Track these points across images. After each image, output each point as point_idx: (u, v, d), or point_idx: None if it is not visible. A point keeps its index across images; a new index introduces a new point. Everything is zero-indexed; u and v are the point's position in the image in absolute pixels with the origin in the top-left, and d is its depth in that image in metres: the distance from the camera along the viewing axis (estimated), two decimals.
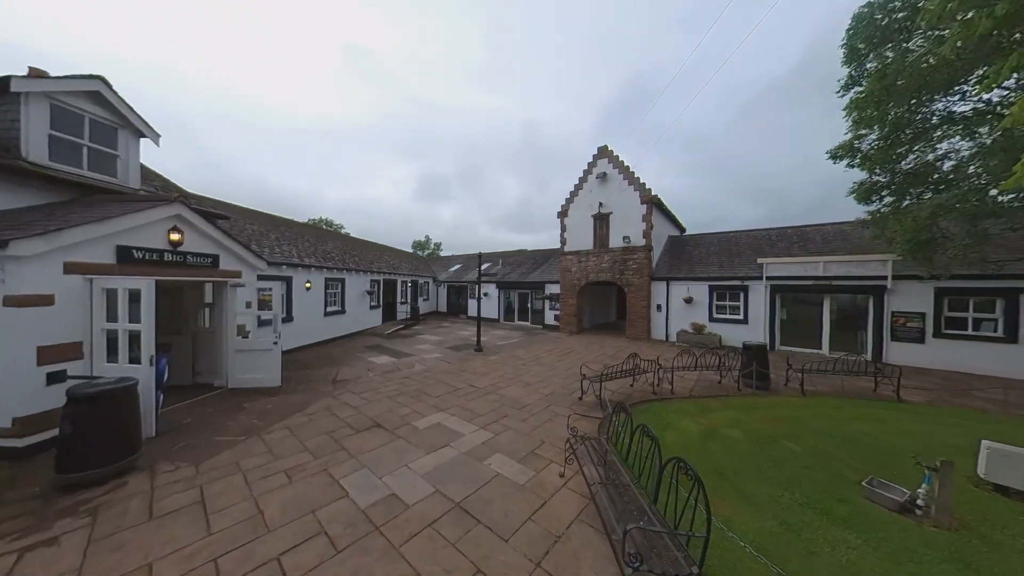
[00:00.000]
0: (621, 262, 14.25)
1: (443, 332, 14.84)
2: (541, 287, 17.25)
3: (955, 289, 8.83)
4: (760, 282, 11.37)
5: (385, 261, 17.98)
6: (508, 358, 9.85)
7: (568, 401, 6.24)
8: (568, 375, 8.05)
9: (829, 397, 6.56)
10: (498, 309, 19.27)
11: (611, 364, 9.24)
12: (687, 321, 12.75)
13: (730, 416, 5.51)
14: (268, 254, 9.50)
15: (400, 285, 18.04)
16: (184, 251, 5.35)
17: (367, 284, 14.48)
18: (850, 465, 4.02)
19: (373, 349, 10.82)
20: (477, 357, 9.91)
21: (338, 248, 14.81)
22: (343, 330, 12.54)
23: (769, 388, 7.09)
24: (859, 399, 6.49)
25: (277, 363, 6.36)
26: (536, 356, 10.18)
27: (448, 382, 7.26)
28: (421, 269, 22.23)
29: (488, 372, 8.17)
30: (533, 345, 12.06)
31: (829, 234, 12.64)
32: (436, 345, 11.75)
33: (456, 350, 10.94)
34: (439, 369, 8.40)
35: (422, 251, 49.37)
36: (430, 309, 22.30)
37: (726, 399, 6.48)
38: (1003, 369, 8.25)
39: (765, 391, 6.99)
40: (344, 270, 12.66)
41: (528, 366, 8.91)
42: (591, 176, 15.20)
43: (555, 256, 19.36)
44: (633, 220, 13.92)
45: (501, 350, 11.07)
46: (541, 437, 4.71)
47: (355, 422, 5.07)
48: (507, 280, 19.00)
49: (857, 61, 6.86)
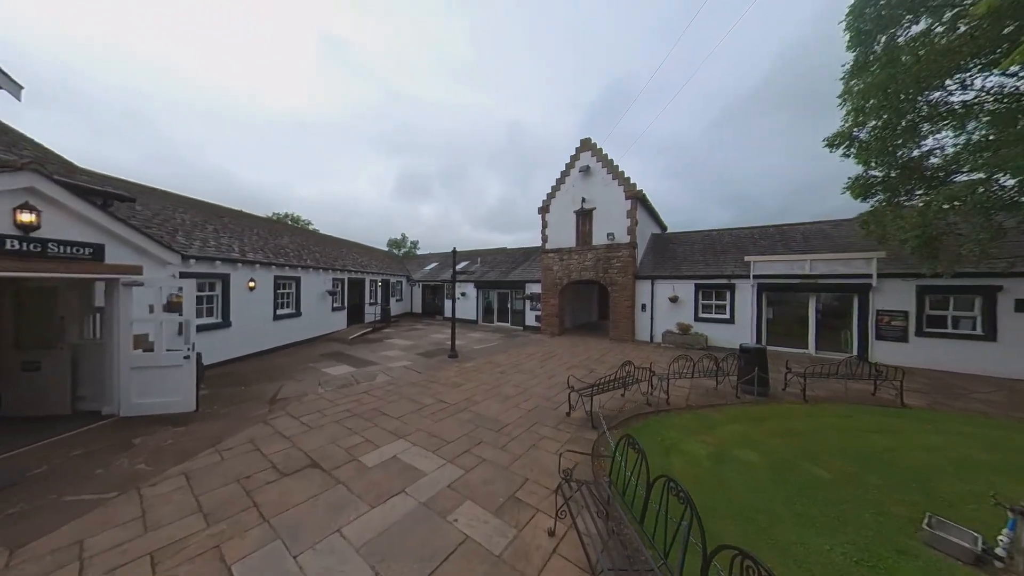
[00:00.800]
0: (605, 260, 13.62)
1: (415, 335, 13.61)
2: (521, 286, 16.38)
3: (936, 287, 8.77)
4: (747, 281, 11.05)
5: (352, 259, 16.45)
6: (486, 365, 8.86)
7: (554, 418, 5.35)
8: (552, 384, 7.18)
9: (832, 403, 6.08)
10: (476, 310, 18.21)
11: (596, 368, 8.52)
12: (672, 321, 12.29)
13: (737, 432, 4.83)
14: (198, 247, 7.98)
15: (369, 285, 16.57)
16: (43, 237, 3.96)
17: (329, 283, 12.99)
18: (891, 495, 3.37)
19: (331, 357, 9.48)
20: (451, 365, 8.85)
21: (295, 243, 13.21)
22: (298, 335, 11.05)
23: (768, 394, 6.55)
24: (862, 405, 6.05)
25: (191, 381, 5.03)
26: (516, 362, 9.25)
27: (414, 397, 6.18)
28: (394, 268, 20.75)
29: (462, 383, 7.15)
30: (513, 349, 11.14)
31: (810, 232, 12.59)
32: (405, 351, 10.55)
33: (428, 356, 9.82)
34: (405, 381, 7.28)
35: (398, 250, 47.22)
36: (403, 310, 20.87)
37: (726, 408, 5.84)
38: (983, 367, 8.23)
39: (764, 397, 6.44)
40: (300, 267, 11.18)
41: (508, 374, 7.96)
42: (573, 170, 14.49)
43: (536, 254, 18.56)
44: (617, 216, 13.33)
45: (478, 355, 10.06)
46: (524, 472, 3.78)
47: (284, 461, 3.91)
48: (486, 279, 17.98)
49: (865, 44, 6.46)
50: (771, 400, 6.32)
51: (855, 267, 9.51)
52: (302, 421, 5.04)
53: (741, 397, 6.44)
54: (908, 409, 5.91)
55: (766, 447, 4.37)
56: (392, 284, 19.48)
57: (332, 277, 13.25)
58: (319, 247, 14.92)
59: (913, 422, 5.23)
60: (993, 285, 8.18)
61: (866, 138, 6.80)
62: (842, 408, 5.82)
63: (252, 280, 9.11)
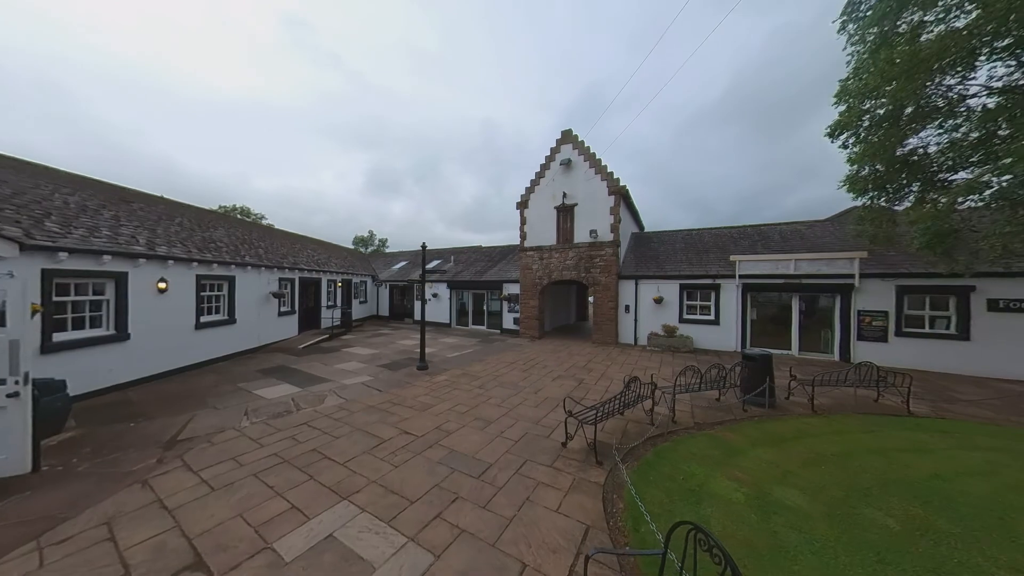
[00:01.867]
0: (587, 259, 12.88)
1: (380, 342, 12.06)
2: (498, 287, 15.28)
3: (914, 287, 8.83)
4: (732, 280, 10.74)
5: (307, 256, 14.48)
6: (461, 377, 7.67)
7: (548, 451, 4.32)
8: (540, 400, 6.16)
9: (844, 415, 5.58)
10: (449, 312, 16.86)
11: (584, 378, 7.59)
12: (657, 323, 11.78)
13: (766, 460, 4.07)
14: (78, 238, 6.08)
15: (327, 285, 14.67)
16: None
17: (274, 284, 11.11)
18: (981, 550, 2.68)
19: (272, 373, 7.83)
20: (419, 379, 7.56)
21: (232, 237, 11.18)
22: (231, 346, 9.19)
23: (775, 405, 5.97)
24: (871, 415, 5.62)
25: (22, 429, 3.42)
26: (496, 372, 8.14)
27: (370, 429, 4.88)
28: (358, 267, 18.82)
29: (433, 404, 5.93)
30: (491, 356, 10.02)
31: (787, 233, 12.64)
32: (366, 362, 9.08)
33: (392, 368, 8.44)
34: (361, 404, 5.93)
35: (365, 247, 44.25)
36: (368, 313, 19.01)
37: (740, 427, 5.13)
38: (957, 366, 8.33)
39: (771, 409, 5.85)
40: (235, 265, 9.31)
41: (487, 388, 6.84)
42: (554, 163, 13.63)
43: (514, 253, 17.56)
44: (600, 213, 12.64)
45: (452, 365, 8.83)
46: (520, 549, 2.70)
47: (148, 562, 2.53)
48: (460, 279, 16.69)
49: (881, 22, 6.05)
50: (780, 412, 5.73)
51: (838, 267, 9.41)
52: (204, 477, 3.61)
53: (748, 410, 5.80)
54: (916, 418, 5.54)
55: (806, 482, 3.62)
56: (355, 285, 17.60)
57: (279, 276, 11.37)
58: (265, 241, 12.87)
59: (936, 435, 4.79)
60: (967, 285, 8.29)
61: (867, 127, 6.47)
62: (858, 421, 5.32)
63: (163, 280, 7.24)
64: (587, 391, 6.78)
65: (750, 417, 5.54)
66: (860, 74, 6.97)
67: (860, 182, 6.93)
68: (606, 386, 7.14)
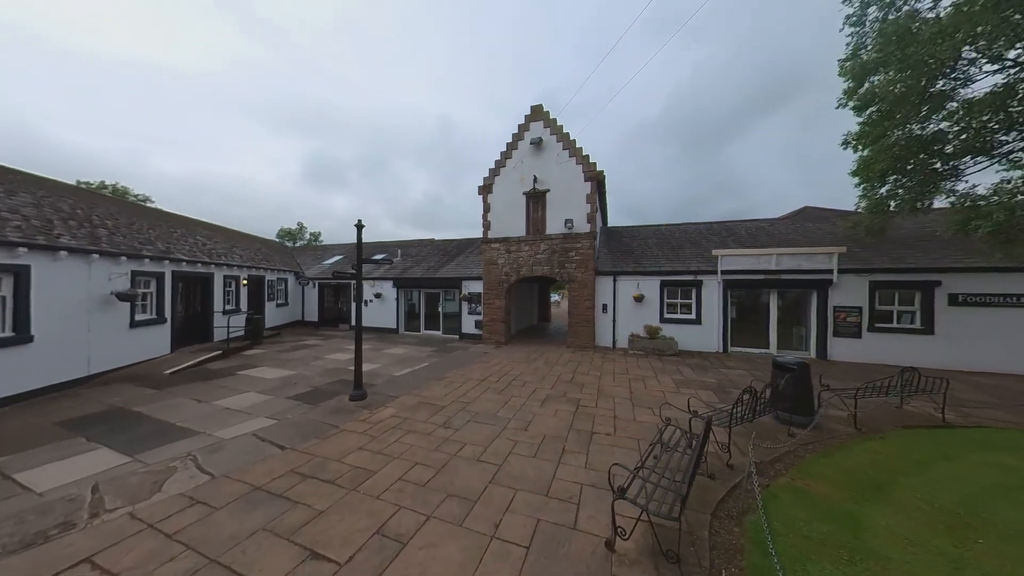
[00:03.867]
0: (561, 252, 11.37)
1: (300, 359, 9.08)
2: (457, 285, 13.06)
3: (885, 283, 8.89)
4: (714, 277, 10.06)
5: (191, 243, 10.63)
6: (415, 410, 5.43)
7: (585, 563, 2.45)
8: (535, 442, 4.28)
9: (897, 433, 4.69)
10: (397, 316, 14.13)
11: (578, 396, 5.48)
12: (637, 323, 10.72)
13: (893, 530, 2.73)
14: None
15: (223, 283, 10.99)
16: None
17: (122, 280, 7.51)
18: None
19: (86, 427, 4.73)
20: (352, 417, 5.15)
21: (46, 208, 7.28)
22: (22, 381, 5.66)
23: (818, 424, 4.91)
24: (919, 427, 4.84)
25: None
26: (463, 396, 6.06)
27: (240, 558, 2.51)
28: (276, 261, 14.97)
29: (371, 469, 3.68)
30: (452, 370, 7.86)
31: (752, 230, 12.58)
32: (272, 392, 6.29)
33: (311, 401, 5.84)
34: (238, 485, 3.42)
35: (293, 242, 37.79)
36: (290, 319, 15.27)
37: (804, 465, 3.85)
38: (922, 359, 8.45)
39: (816, 429, 4.77)
40: (25, 247, 5.78)
41: (455, 427, 4.74)
42: (523, 142, 11.87)
43: (474, 247, 15.45)
44: (575, 201, 11.21)
45: (401, 388, 6.50)
46: None
47: None
48: (409, 276, 14.07)
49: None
50: (829, 435, 4.65)
51: (818, 262, 9.18)
52: None
53: (794, 434, 4.63)
54: (964, 428, 4.88)
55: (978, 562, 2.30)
56: (270, 283, 13.86)
57: (134, 269, 7.77)
58: (120, 219, 8.91)
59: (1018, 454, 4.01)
60: (932, 280, 8.49)
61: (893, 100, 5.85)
62: (920, 441, 4.43)
63: None
64: (592, 420, 5.09)
65: (803, 445, 4.34)
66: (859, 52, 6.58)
67: (882, 161, 6.33)
68: (610, 409, 5.54)
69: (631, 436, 4.54)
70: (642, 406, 5.68)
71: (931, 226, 10.07)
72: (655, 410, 5.48)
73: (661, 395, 6.26)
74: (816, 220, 12.73)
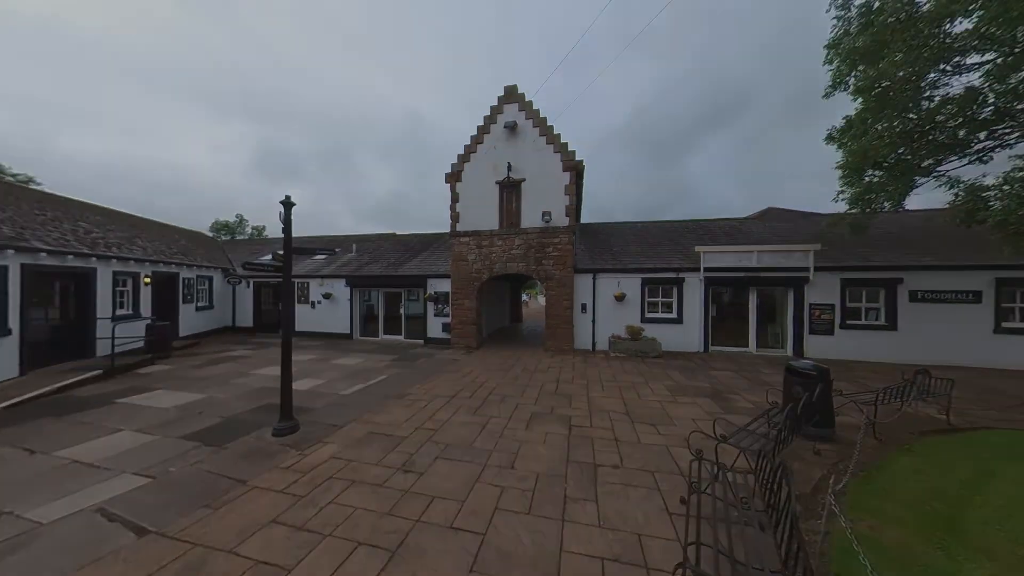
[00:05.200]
0: (538, 248, 10.45)
1: (216, 377, 7.21)
2: (421, 283, 11.64)
3: (855, 280, 9.03)
4: (696, 274, 9.71)
5: (66, 231, 8.19)
6: (363, 446, 4.12)
7: None
8: (525, 485, 3.22)
9: (924, 446, 4.27)
10: (350, 319, 12.35)
11: (568, 413, 4.36)
12: (618, 324, 10.10)
13: None
14: None
15: (112, 281, 8.62)
16: None
17: None
18: None
19: None
20: (272, 463, 3.73)
21: None
22: None
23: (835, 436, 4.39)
24: (938, 436, 4.48)
25: None
26: (429, 421, 4.83)
27: None
28: (198, 256, 12.43)
29: (282, 566, 2.37)
30: (415, 385, 6.56)
31: (726, 228, 12.58)
32: (159, 431, 4.59)
33: (216, 443, 4.27)
34: None
35: (232, 235, 33.21)
36: (215, 324, 12.81)
37: (854, 496, 3.19)
38: (887, 355, 8.67)
39: (835, 442, 4.24)
40: None
41: (417, 470, 3.53)
42: (495, 126, 10.79)
43: (439, 242, 14.06)
44: (553, 192, 10.34)
45: (348, 414, 5.10)
46: None
47: None
48: (365, 273, 12.37)
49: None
50: (849, 447, 4.10)
51: (796, 259, 9.12)
52: None
53: (820, 452, 4.03)
54: (963, 431, 4.61)
55: None
56: (188, 281, 11.43)
57: None
58: None
59: None
60: (895, 278, 8.73)
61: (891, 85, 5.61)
62: (945, 451, 4.01)
63: None
64: (591, 446, 4.13)
65: (833, 464, 3.74)
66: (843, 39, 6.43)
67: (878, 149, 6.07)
68: (608, 428, 4.65)
69: (643, 467, 3.64)
70: (643, 423, 4.85)
71: (886, 226, 10.59)
72: (659, 428, 4.67)
73: (659, 407, 5.50)
74: (780, 220, 13.07)
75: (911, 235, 10.13)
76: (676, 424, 4.80)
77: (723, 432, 3.63)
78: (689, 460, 2.92)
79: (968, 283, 8.37)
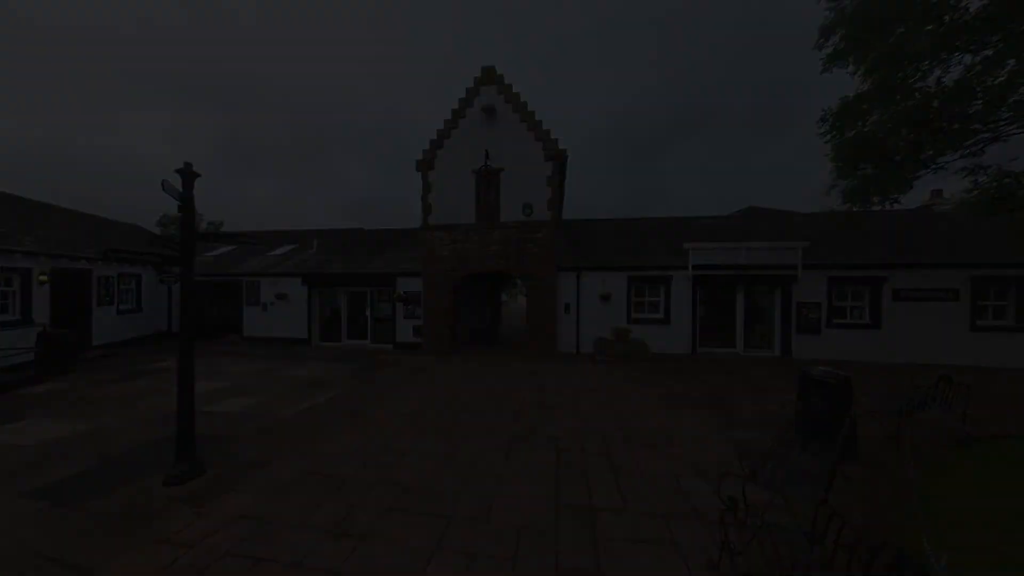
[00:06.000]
0: (518, 243, 9.62)
1: (120, 398, 5.84)
2: (390, 282, 10.51)
3: (841, 278, 8.86)
4: (684, 272, 9.22)
5: None
6: (290, 493, 3.10)
7: None
8: (503, 554, 2.34)
9: (952, 458, 3.78)
10: (308, 322, 11.00)
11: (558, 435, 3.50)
12: (604, 325, 9.44)
13: None
14: None
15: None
16: None
17: None
18: None
19: None
20: (148, 530, 2.63)
21: None
22: None
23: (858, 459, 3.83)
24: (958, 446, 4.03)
25: None
26: (382, 454, 3.86)
27: None
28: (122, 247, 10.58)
29: None
30: (373, 402, 5.53)
31: (708, 226, 12.26)
32: None
33: (74, 498, 3.08)
34: None
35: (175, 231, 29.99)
36: (147, 330, 11.05)
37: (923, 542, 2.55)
38: (870, 354, 8.53)
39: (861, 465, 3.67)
40: None
41: (356, 537, 2.58)
42: (471, 110, 9.87)
43: (408, 238, 12.90)
44: (534, 183, 9.56)
45: (280, 444, 4.03)
46: None
47: None
48: (326, 271, 11.06)
49: None
50: (874, 470, 3.55)
51: (784, 256, 8.82)
52: None
53: (850, 477, 3.42)
54: (986, 441, 4.21)
55: None
56: (106, 280, 9.70)
57: None
58: None
59: None
60: (880, 276, 8.61)
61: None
62: (989, 467, 3.54)
63: None
64: (585, 480, 3.33)
65: (868, 496, 3.12)
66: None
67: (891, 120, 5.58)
68: (603, 454, 3.87)
69: (652, 511, 2.86)
70: (642, 445, 4.11)
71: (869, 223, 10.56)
72: (661, 450, 3.95)
73: (656, 421, 4.81)
74: (761, 219, 12.97)
75: (896, 231, 10.08)
76: (679, 443, 4.11)
77: (750, 465, 2.93)
78: (709, 496, 2.17)
79: (946, 281, 8.37)
